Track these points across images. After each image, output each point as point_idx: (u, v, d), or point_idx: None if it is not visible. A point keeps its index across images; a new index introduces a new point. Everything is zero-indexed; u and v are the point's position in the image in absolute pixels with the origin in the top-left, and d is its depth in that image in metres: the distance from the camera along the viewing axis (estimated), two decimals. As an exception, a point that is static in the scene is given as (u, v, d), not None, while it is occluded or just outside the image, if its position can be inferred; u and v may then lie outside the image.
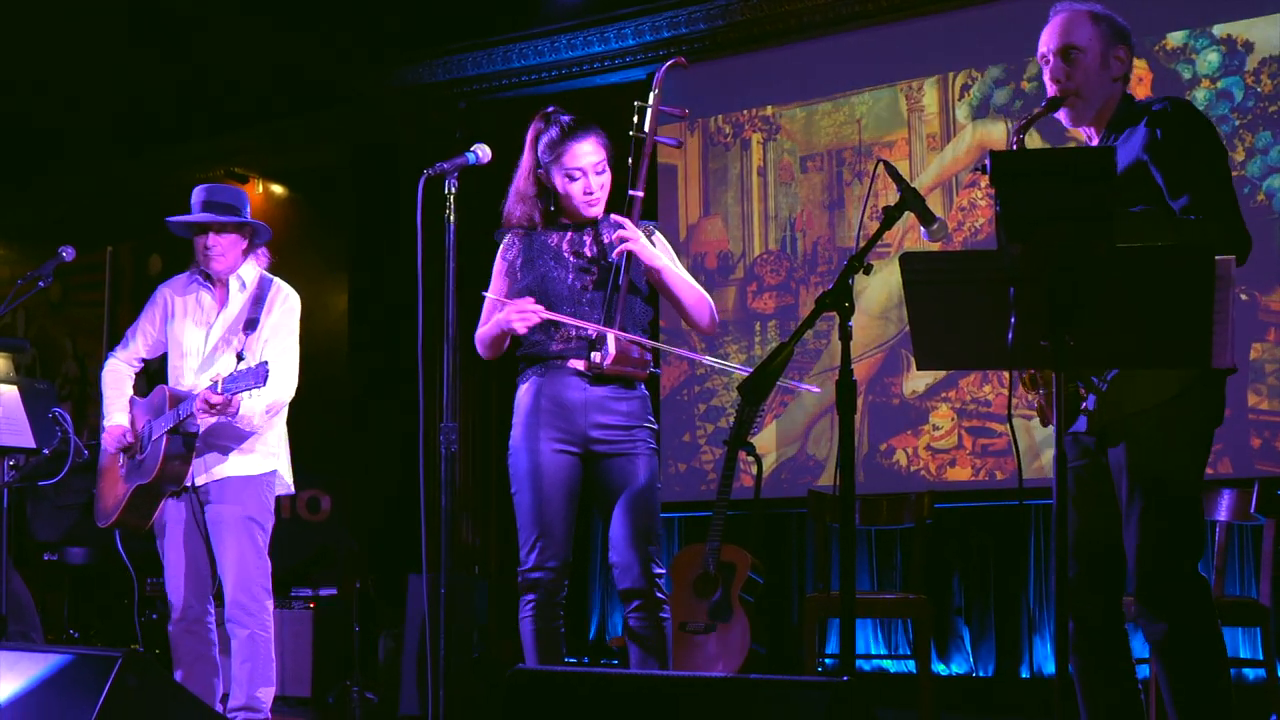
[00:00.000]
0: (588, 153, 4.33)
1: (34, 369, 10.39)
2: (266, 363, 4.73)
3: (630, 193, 4.35)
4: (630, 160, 4.37)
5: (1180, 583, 3.46)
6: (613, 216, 4.32)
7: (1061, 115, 3.70)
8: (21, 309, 9.19)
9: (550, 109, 4.45)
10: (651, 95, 4.43)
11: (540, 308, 4.24)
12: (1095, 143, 3.71)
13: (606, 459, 4.31)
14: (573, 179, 4.34)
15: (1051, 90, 3.68)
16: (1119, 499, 3.53)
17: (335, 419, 8.87)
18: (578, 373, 4.30)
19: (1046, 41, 3.71)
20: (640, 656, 4.30)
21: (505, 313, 4.26)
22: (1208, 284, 2.86)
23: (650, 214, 7.99)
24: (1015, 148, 3.60)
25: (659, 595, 4.30)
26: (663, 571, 4.33)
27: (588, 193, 4.33)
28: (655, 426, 4.40)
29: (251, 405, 4.94)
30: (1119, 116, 3.67)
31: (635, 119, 4.39)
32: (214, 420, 4.98)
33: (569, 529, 4.32)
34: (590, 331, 4.27)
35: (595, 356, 4.23)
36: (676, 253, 4.51)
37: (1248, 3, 6.65)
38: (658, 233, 4.44)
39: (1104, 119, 3.69)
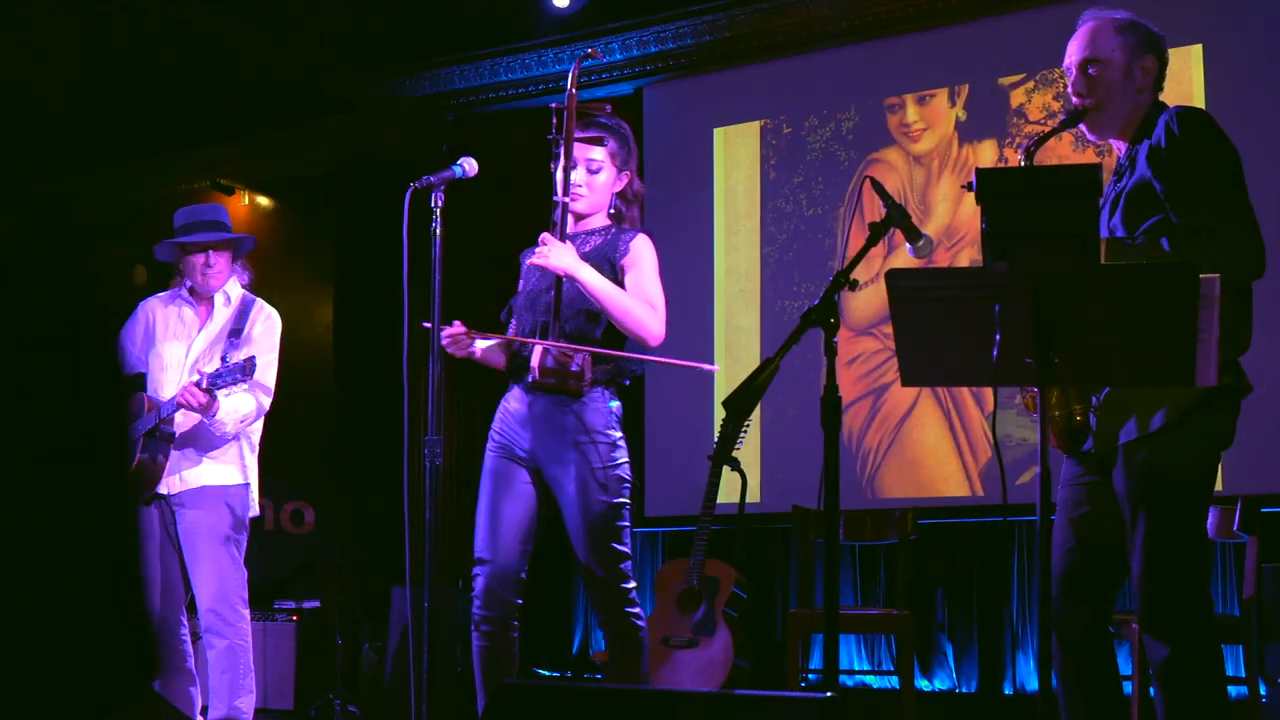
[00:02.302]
0: (583, 145, 4.31)
1: (17, 379, 10.35)
2: (254, 356, 4.79)
3: (556, 199, 4.29)
4: (552, 166, 4.31)
5: (1183, 609, 3.45)
6: (542, 235, 4.25)
7: (1084, 128, 3.66)
8: (5, 319, 9.10)
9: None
10: (567, 95, 4.29)
11: (461, 329, 4.28)
12: (1124, 154, 3.65)
13: (552, 475, 4.28)
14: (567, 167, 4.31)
15: (1072, 104, 3.65)
16: (1124, 521, 3.52)
17: (320, 431, 8.86)
18: (523, 386, 4.32)
19: (1070, 53, 3.65)
20: (619, 661, 4.27)
21: None
22: (1191, 302, 2.87)
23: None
24: (1027, 161, 3.57)
25: (628, 610, 4.25)
26: (630, 586, 4.26)
27: (573, 185, 4.30)
28: (609, 438, 4.28)
29: (229, 406, 4.95)
30: (1144, 127, 3.60)
31: (554, 121, 4.30)
32: (190, 425, 4.98)
33: (508, 540, 4.29)
34: (530, 345, 4.28)
35: (533, 369, 4.23)
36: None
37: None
38: (638, 240, 4.36)
39: (1130, 130, 3.63)
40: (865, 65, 7.63)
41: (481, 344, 4.38)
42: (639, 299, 4.26)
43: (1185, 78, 6.69)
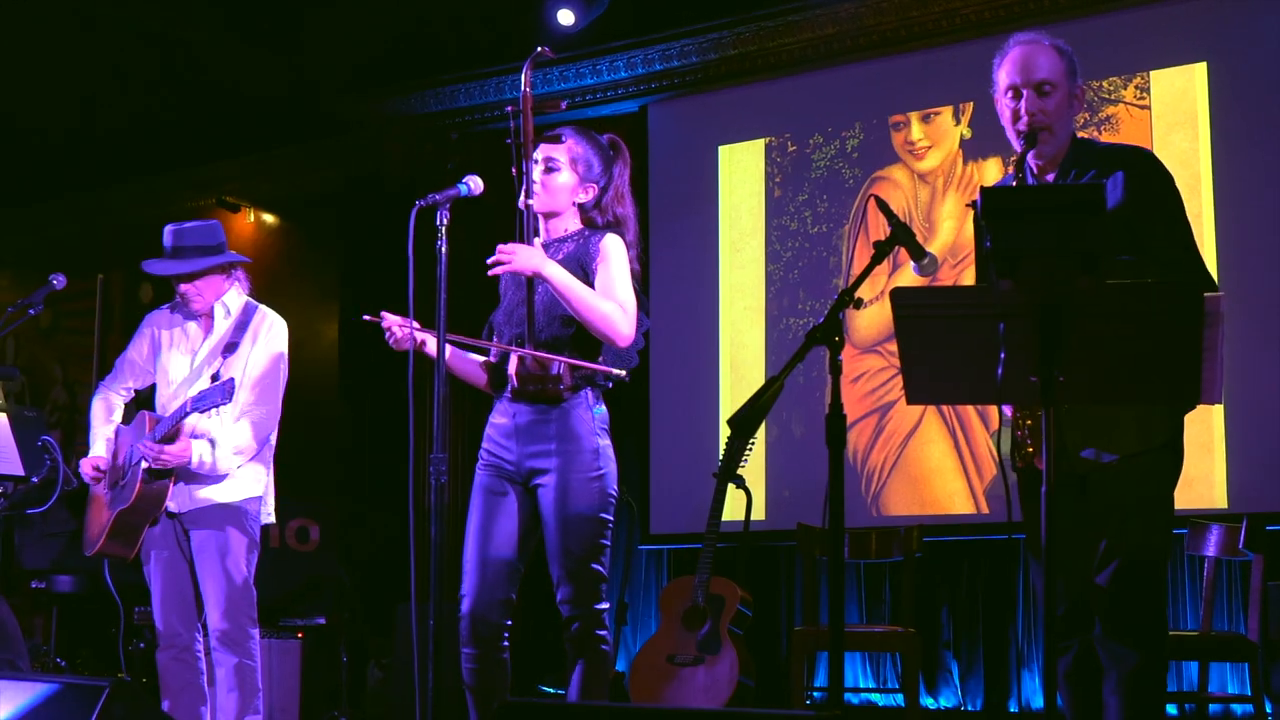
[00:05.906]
0: (544, 145, 4.28)
1: (23, 396, 10.37)
2: (233, 379, 4.77)
3: (520, 204, 4.23)
4: (514, 170, 4.25)
5: (1157, 617, 3.56)
6: (499, 246, 4.14)
7: (1031, 151, 3.68)
8: (11, 336, 9.14)
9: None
10: (522, 96, 4.27)
11: (402, 320, 4.16)
12: (1049, 179, 3.71)
13: (534, 485, 4.20)
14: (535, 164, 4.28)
15: (1023, 123, 3.66)
16: (1096, 536, 3.56)
17: (325, 448, 8.86)
18: (505, 398, 4.27)
19: (1016, 73, 3.68)
20: (580, 681, 4.14)
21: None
22: (1196, 320, 2.87)
23: (644, 240, 8.05)
24: (1019, 179, 3.63)
25: (598, 633, 4.14)
26: (605, 607, 4.18)
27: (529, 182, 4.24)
28: (592, 446, 4.17)
29: (204, 452, 4.93)
30: (1073, 155, 3.69)
31: (511, 124, 4.26)
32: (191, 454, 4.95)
33: (497, 561, 4.19)
34: (495, 354, 4.25)
35: (511, 378, 4.19)
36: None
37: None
38: (607, 239, 4.24)
39: (1058, 158, 3.70)
40: (870, 83, 7.64)
41: (428, 338, 4.17)
42: (606, 298, 4.15)
43: (1189, 95, 6.70)
